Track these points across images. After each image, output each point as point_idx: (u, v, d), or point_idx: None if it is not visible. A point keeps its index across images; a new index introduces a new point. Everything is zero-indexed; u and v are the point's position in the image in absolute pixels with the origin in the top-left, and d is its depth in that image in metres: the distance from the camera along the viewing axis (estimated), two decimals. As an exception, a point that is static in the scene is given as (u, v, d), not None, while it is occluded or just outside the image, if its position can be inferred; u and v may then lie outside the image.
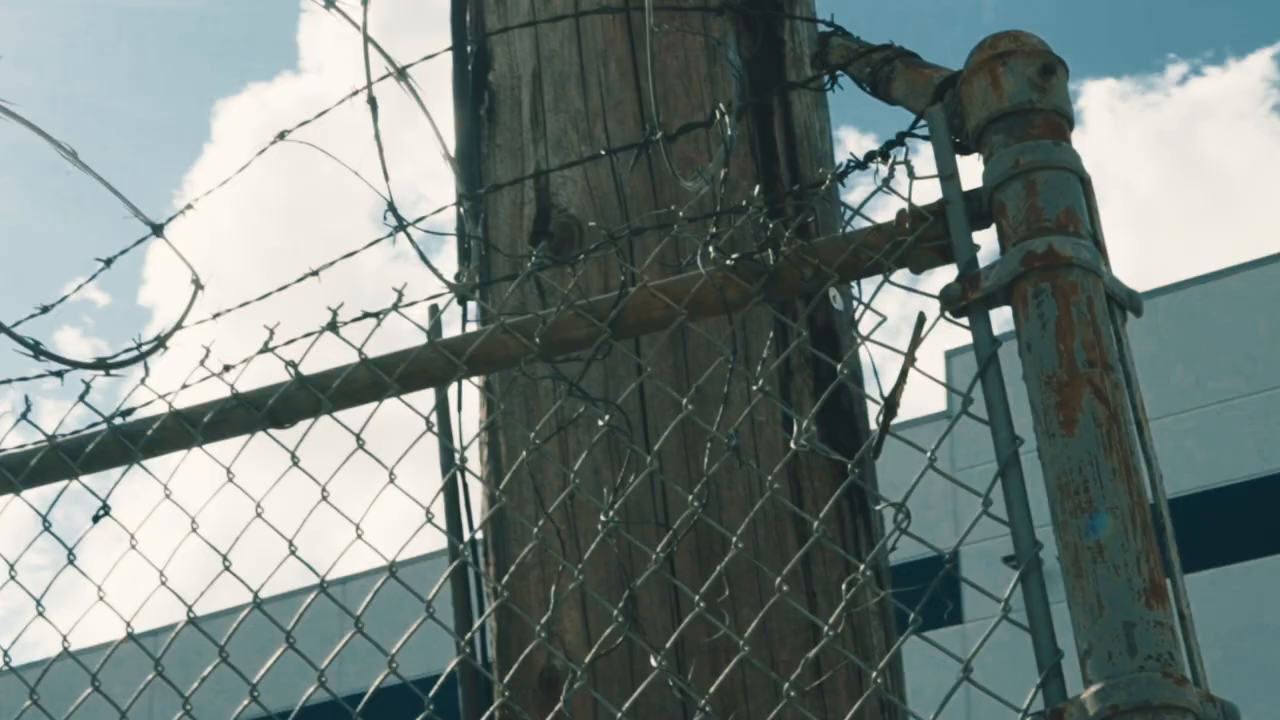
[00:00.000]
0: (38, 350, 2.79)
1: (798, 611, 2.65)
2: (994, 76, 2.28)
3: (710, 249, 2.39)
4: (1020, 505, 2.14)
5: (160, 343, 2.99)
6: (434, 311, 3.14)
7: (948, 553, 2.20)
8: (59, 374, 2.96)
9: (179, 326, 3.01)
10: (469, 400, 3.09)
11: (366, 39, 2.69)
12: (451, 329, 2.85)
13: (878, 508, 2.83)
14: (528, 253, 2.84)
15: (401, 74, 2.91)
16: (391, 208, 2.42)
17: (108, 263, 3.24)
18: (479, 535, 3.11)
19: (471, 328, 2.88)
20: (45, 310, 3.32)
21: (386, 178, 2.36)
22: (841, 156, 2.68)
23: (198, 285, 3.14)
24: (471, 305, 3.08)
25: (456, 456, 2.92)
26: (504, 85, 3.38)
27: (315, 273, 2.94)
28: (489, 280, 2.88)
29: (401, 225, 2.42)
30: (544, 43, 3.33)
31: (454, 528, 3.04)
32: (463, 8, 3.56)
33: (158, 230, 3.19)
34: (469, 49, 3.47)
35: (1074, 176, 2.23)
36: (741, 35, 3.24)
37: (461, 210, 2.85)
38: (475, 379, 2.99)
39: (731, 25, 2.88)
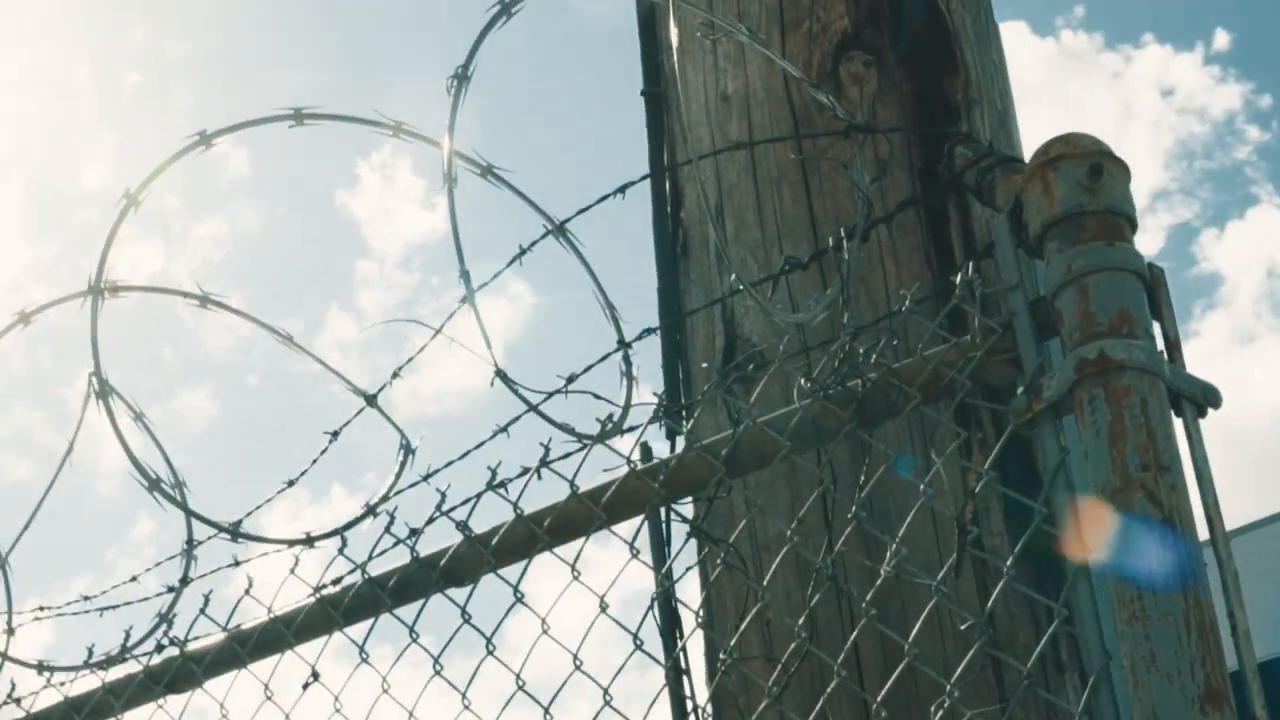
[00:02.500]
0: (236, 533, 3.35)
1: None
2: (1045, 183, 2.52)
3: (803, 380, 2.71)
4: (1089, 615, 2.35)
5: (370, 511, 3.50)
6: (645, 448, 3.55)
7: (1026, 669, 2.43)
8: (282, 549, 3.51)
9: (387, 496, 3.52)
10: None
11: (502, 181, 3.15)
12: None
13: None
14: (717, 382, 3.20)
15: (560, 229, 3.35)
16: (499, 373, 2.85)
17: (334, 435, 3.80)
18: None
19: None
20: (292, 483, 3.92)
21: (489, 345, 2.79)
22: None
23: (408, 450, 3.65)
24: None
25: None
26: (693, 220, 3.78)
27: (504, 429, 3.40)
28: (619, 422, 3.26)
29: (530, 406, 2.85)
30: (724, 175, 3.71)
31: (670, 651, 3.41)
32: (660, 147, 3.99)
33: (371, 400, 3.73)
34: (667, 187, 3.91)
35: (1131, 275, 2.43)
36: (913, 147, 3.54)
37: (626, 352, 3.25)
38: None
39: (859, 148, 3.17)
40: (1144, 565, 2.25)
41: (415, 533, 3.28)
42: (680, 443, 3.56)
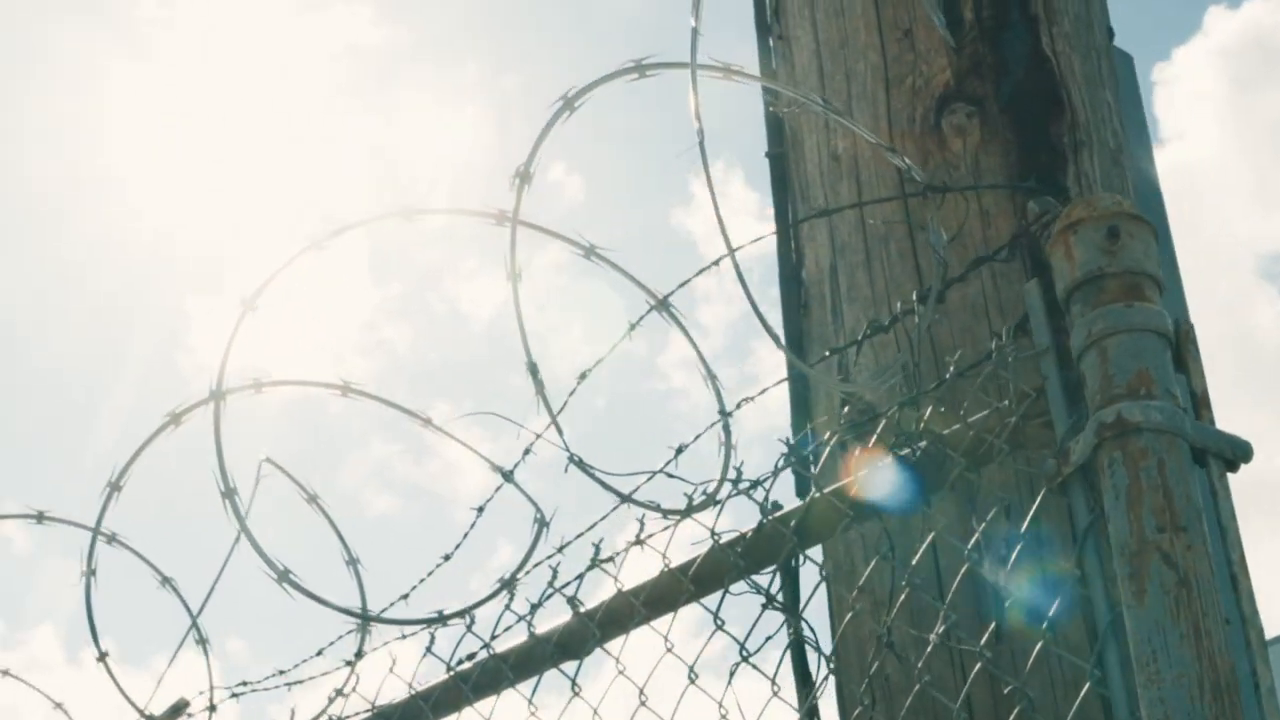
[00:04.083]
0: (366, 618, 3.63)
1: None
2: (1067, 247, 2.63)
3: (858, 450, 2.86)
4: (1117, 675, 2.46)
5: (505, 585, 3.75)
6: (775, 506, 3.72)
7: (1062, 732, 2.54)
8: (423, 630, 3.78)
9: (521, 570, 3.76)
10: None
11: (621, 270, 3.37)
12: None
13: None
14: (789, 453, 3.36)
15: (663, 303, 3.55)
16: (575, 461, 3.06)
17: (480, 510, 4.07)
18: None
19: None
20: (448, 558, 4.20)
21: (560, 432, 3.01)
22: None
23: (542, 524, 3.89)
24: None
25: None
26: (812, 280, 3.94)
27: (626, 497, 3.61)
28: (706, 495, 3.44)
29: (623, 498, 3.07)
30: (837, 234, 3.86)
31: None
32: (784, 208, 4.17)
33: (508, 476, 3.98)
34: (792, 246, 4.08)
35: (1151, 335, 2.52)
36: (1017, 196, 3.63)
37: (728, 422, 3.44)
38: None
39: (935, 209, 3.30)
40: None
41: (534, 608, 3.52)
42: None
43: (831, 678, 3.47)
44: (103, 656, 4.24)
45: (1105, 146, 3.79)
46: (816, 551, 3.11)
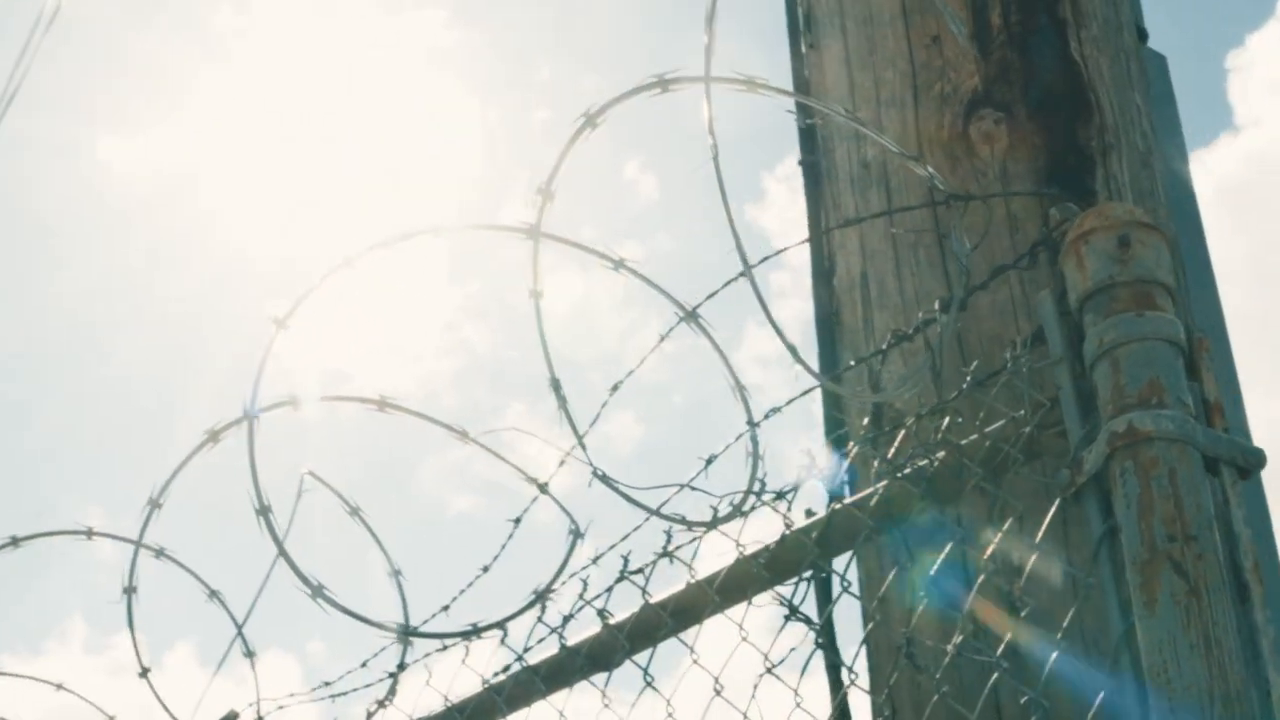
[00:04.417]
0: (405, 632, 3.67)
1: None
2: (1079, 257, 2.64)
3: (877, 461, 2.89)
4: (1131, 685, 2.47)
5: (539, 598, 3.79)
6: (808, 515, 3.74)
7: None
8: (457, 643, 3.83)
9: (552, 582, 3.80)
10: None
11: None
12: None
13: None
14: (807, 466, 3.39)
15: (691, 315, 3.57)
16: (599, 476, 3.10)
17: (516, 521, 4.11)
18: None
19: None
20: (486, 569, 4.25)
21: (583, 447, 3.04)
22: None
23: (576, 535, 3.92)
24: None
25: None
26: (843, 288, 3.96)
27: (655, 512, 3.64)
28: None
29: (654, 512, 3.11)
30: (867, 242, 3.87)
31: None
32: (817, 214, 4.18)
33: (543, 488, 4.01)
34: (824, 256, 4.10)
35: (1163, 344, 2.53)
36: (1044, 201, 3.64)
37: (753, 433, 3.46)
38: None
39: (961, 215, 3.31)
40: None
41: (565, 620, 3.56)
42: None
43: (863, 685, 3.50)
44: (145, 672, 4.31)
45: (1134, 149, 3.79)
46: (839, 562, 3.13)
